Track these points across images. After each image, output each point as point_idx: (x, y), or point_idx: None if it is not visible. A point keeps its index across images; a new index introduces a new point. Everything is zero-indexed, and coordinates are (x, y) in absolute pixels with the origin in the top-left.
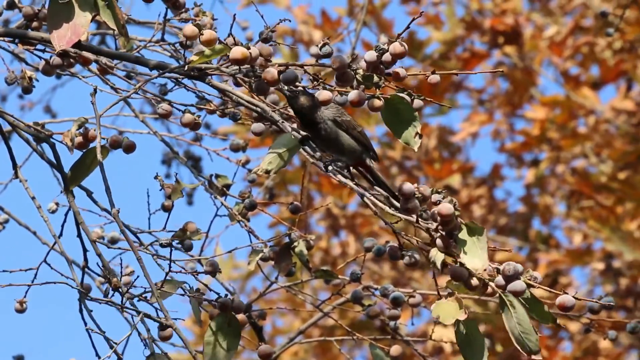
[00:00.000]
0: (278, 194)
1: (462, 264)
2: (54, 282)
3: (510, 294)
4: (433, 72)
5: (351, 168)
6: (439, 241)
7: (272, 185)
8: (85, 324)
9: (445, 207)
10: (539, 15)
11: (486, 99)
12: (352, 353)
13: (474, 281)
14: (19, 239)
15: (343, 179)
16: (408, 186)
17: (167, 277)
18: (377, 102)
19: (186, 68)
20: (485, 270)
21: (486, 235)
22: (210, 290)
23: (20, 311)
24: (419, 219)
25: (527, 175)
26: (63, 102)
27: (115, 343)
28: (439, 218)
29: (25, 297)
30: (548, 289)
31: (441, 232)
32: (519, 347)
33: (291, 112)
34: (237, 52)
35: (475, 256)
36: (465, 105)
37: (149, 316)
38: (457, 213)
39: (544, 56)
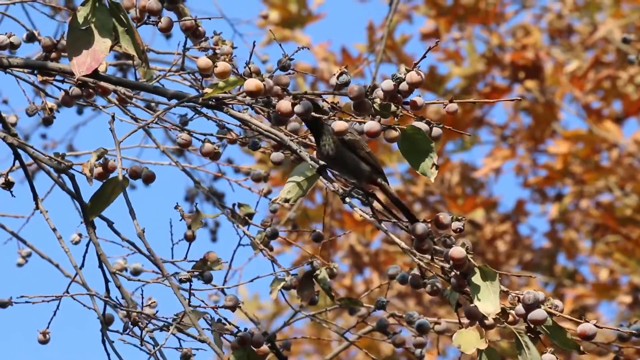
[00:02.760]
0: (301, 231)
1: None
2: (82, 305)
3: (530, 322)
4: (451, 101)
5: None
6: (453, 281)
7: (294, 217)
8: (108, 356)
9: (457, 250)
10: (559, 51)
11: (508, 135)
12: None
13: (489, 321)
14: (41, 271)
15: (360, 211)
16: (421, 227)
17: (190, 309)
18: (394, 133)
19: (201, 100)
20: (497, 314)
21: (498, 280)
22: (230, 324)
23: (44, 342)
24: (434, 259)
25: (551, 210)
26: (85, 142)
27: None
28: (451, 261)
29: (48, 327)
30: (569, 317)
31: (456, 272)
32: None
33: (309, 140)
34: (251, 84)
35: (487, 300)
36: (488, 141)
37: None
38: (469, 256)
39: (565, 90)
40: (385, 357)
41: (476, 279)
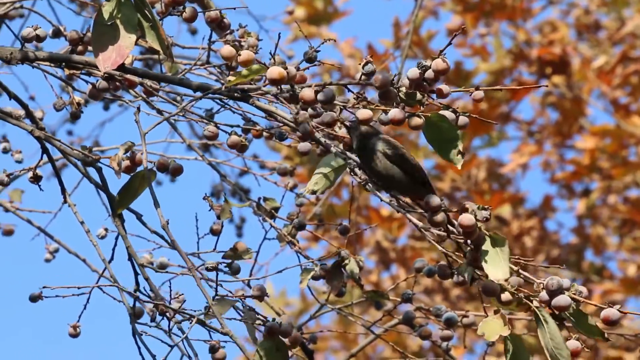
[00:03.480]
0: (327, 224)
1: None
2: (112, 298)
3: (555, 309)
4: (477, 88)
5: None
6: (468, 255)
7: (321, 212)
8: (138, 348)
9: (466, 217)
10: (586, 47)
11: (535, 130)
12: None
13: (505, 295)
14: (69, 267)
15: (381, 196)
16: (434, 199)
17: (218, 299)
18: (418, 121)
19: (225, 89)
20: (506, 280)
21: (508, 246)
22: (258, 314)
23: (74, 335)
24: (449, 233)
25: (579, 205)
26: (111, 138)
27: None
28: (460, 229)
29: (78, 321)
30: (593, 302)
31: (468, 245)
32: None
33: (336, 132)
34: (274, 71)
35: (497, 266)
36: (515, 137)
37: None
38: (479, 224)
39: (592, 86)
40: (412, 352)
41: (486, 246)
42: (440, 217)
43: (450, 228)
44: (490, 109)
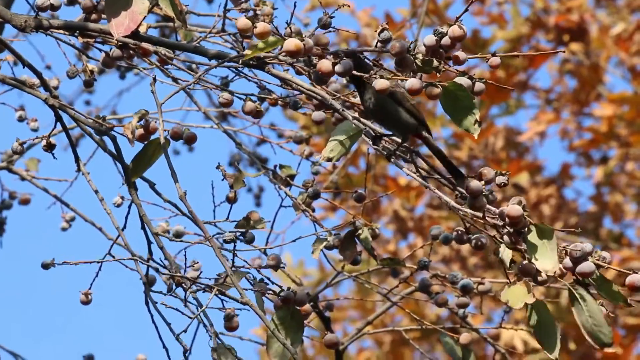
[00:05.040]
0: (343, 191)
1: (531, 262)
2: (125, 267)
3: (579, 275)
4: (494, 55)
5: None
6: (506, 238)
7: (337, 180)
8: (152, 317)
9: (514, 209)
10: (604, 14)
11: (553, 98)
12: None
13: (543, 276)
14: (85, 235)
15: (405, 169)
16: (475, 184)
17: (233, 269)
18: (436, 90)
19: (240, 62)
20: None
21: (556, 236)
22: (273, 283)
23: (86, 302)
24: (486, 217)
25: (596, 173)
26: (128, 108)
27: (180, 333)
28: (507, 219)
29: (90, 288)
30: (617, 268)
31: (509, 230)
32: (591, 341)
33: (352, 100)
34: (290, 44)
35: (546, 258)
36: (532, 106)
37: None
38: (525, 214)
39: (610, 53)
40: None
41: (532, 237)
42: (481, 202)
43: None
44: (508, 77)
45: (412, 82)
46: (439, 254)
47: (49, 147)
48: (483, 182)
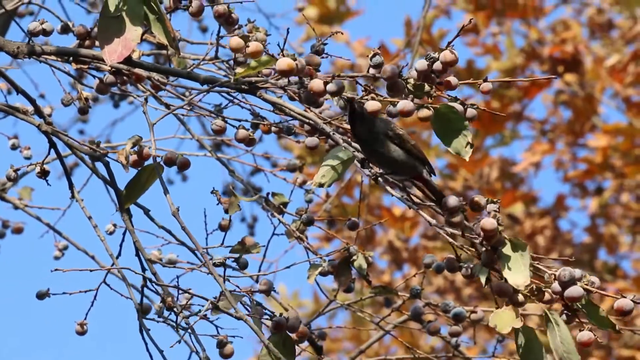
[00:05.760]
0: (337, 219)
1: (505, 280)
2: (120, 295)
3: (567, 300)
4: (485, 80)
5: (406, 183)
6: (483, 255)
7: (330, 209)
8: (146, 344)
9: (489, 222)
10: (599, 46)
11: (548, 129)
12: None
13: (520, 297)
14: (78, 264)
15: (392, 191)
16: (453, 199)
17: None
18: (427, 112)
19: (233, 80)
20: (527, 286)
21: (529, 252)
22: (266, 309)
23: (81, 333)
24: (465, 233)
25: (591, 204)
26: (122, 137)
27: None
28: (482, 233)
29: (85, 319)
30: (605, 293)
31: (486, 246)
32: None
33: (345, 126)
34: (283, 63)
35: (518, 272)
36: (527, 136)
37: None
38: (500, 228)
39: (605, 84)
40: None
41: (507, 250)
42: (458, 218)
43: (467, 226)
44: (502, 108)
45: (404, 104)
46: (433, 285)
47: (43, 174)
48: (461, 199)
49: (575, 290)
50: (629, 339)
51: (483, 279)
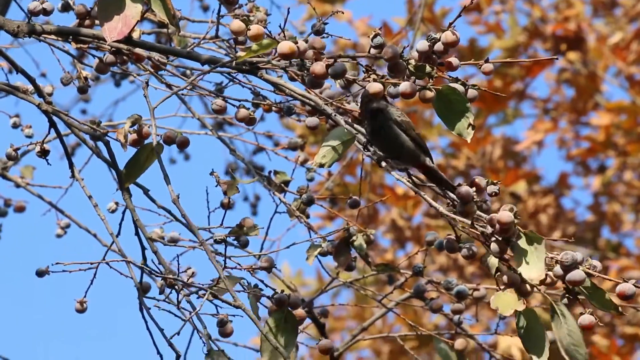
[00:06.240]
0: (338, 198)
1: (517, 272)
2: (120, 273)
3: (569, 283)
4: (486, 61)
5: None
6: (494, 245)
7: (332, 187)
8: (146, 323)
9: (505, 215)
10: (602, 24)
11: (551, 108)
12: None
13: (527, 287)
14: (80, 242)
15: (395, 174)
16: (465, 189)
17: (226, 274)
18: (429, 93)
19: (235, 63)
20: (540, 281)
21: (544, 246)
22: (267, 286)
23: (81, 311)
24: (475, 224)
25: (594, 182)
26: (125, 117)
27: (173, 337)
28: (497, 226)
29: (85, 297)
30: (607, 277)
31: (498, 237)
32: (567, 357)
33: (346, 106)
34: (284, 46)
35: (532, 266)
36: (530, 115)
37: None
38: (516, 221)
39: (608, 62)
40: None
41: (522, 243)
42: (471, 208)
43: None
44: (505, 86)
45: (405, 86)
46: (436, 263)
47: (43, 153)
48: (474, 189)
49: (577, 274)
50: (632, 317)
51: (493, 270)
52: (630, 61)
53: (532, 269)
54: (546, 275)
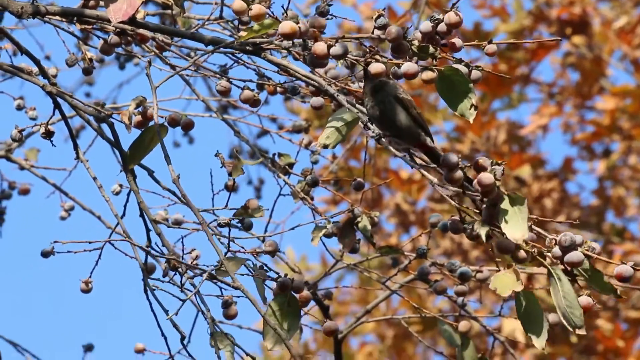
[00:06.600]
0: (348, 190)
1: (505, 235)
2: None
3: (567, 265)
4: (490, 42)
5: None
6: (484, 212)
7: (336, 170)
8: (150, 304)
9: (485, 176)
10: (607, 8)
11: (556, 92)
12: (427, 354)
13: (521, 253)
14: (84, 224)
15: (396, 151)
16: (452, 156)
17: (230, 256)
18: (431, 74)
19: (237, 43)
20: (525, 240)
21: (527, 206)
22: (270, 269)
23: (86, 291)
24: (466, 191)
25: (599, 166)
26: (129, 100)
27: (173, 315)
28: (479, 188)
29: (90, 277)
30: (606, 259)
31: (485, 202)
32: (565, 322)
33: (350, 87)
34: (286, 26)
35: (516, 226)
36: (535, 99)
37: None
38: (498, 183)
39: (613, 46)
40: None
41: (505, 205)
42: (457, 174)
43: (467, 185)
44: (510, 70)
45: (409, 66)
46: (440, 247)
47: (48, 134)
48: (459, 156)
49: (575, 256)
50: (636, 300)
51: (483, 236)
52: (635, 45)
53: (516, 229)
54: (545, 255)
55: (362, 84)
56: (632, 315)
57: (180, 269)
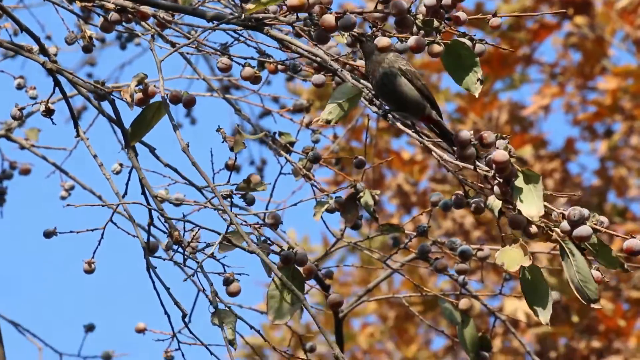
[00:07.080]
0: (348, 171)
1: (518, 211)
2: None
3: (575, 239)
4: (494, 15)
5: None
6: (496, 188)
7: (337, 149)
8: (153, 283)
9: (500, 154)
10: None
11: (558, 72)
12: (429, 335)
13: (533, 228)
14: (85, 203)
15: (402, 127)
16: (464, 133)
17: (233, 230)
18: (437, 48)
19: (243, 17)
20: (540, 217)
21: (542, 183)
22: (273, 243)
23: (89, 271)
24: (477, 167)
25: (601, 147)
26: (131, 80)
27: (168, 289)
28: (493, 165)
29: (93, 257)
30: (614, 232)
31: (498, 179)
32: (579, 296)
33: (352, 63)
34: None
35: (531, 203)
36: (537, 80)
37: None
38: (512, 160)
39: (615, 26)
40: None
41: (519, 182)
42: (469, 151)
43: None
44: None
45: (414, 40)
46: (442, 228)
47: (48, 112)
48: (471, 132)
49: (584, 230)
50: (638, 280)
51: (496, 212)
52: (637, 25)
53: (532, 206)
54: (553, 231)
55: (364, 61)
56: (633, 295)
57: (182, 244)
